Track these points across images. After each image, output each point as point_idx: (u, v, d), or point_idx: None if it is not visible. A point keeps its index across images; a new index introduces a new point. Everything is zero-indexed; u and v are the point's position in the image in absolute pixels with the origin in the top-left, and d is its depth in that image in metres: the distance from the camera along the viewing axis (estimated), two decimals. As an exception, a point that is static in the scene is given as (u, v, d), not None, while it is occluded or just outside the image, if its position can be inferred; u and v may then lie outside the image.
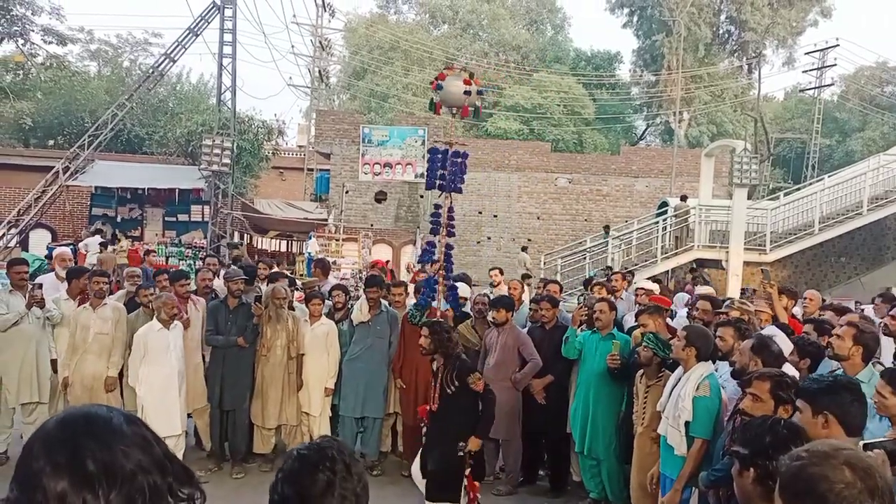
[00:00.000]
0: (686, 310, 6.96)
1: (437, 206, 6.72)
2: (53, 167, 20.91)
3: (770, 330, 4.37)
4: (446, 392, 4.99)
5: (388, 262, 16.22)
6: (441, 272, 6.67)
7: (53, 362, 6.85)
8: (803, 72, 35.45)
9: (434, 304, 6.54)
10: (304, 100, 34.52)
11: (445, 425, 5.04)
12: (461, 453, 4.95)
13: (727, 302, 5.94)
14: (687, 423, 4.24)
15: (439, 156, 6.57)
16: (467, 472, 5.05)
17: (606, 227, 21.17)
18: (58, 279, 7.83)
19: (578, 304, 6.98)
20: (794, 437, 2.06)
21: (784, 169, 37.19)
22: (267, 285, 7.51)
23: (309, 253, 17.84)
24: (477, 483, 5.15)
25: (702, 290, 8.25)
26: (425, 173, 6.97)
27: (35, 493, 1.05)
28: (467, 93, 6.49)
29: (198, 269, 9.28)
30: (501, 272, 10.00)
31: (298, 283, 9.65)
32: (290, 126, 41.90)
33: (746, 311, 5.39)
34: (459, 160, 6.60)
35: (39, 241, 19.87)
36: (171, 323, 6.22)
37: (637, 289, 7.91)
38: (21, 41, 27.97)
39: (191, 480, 1.18)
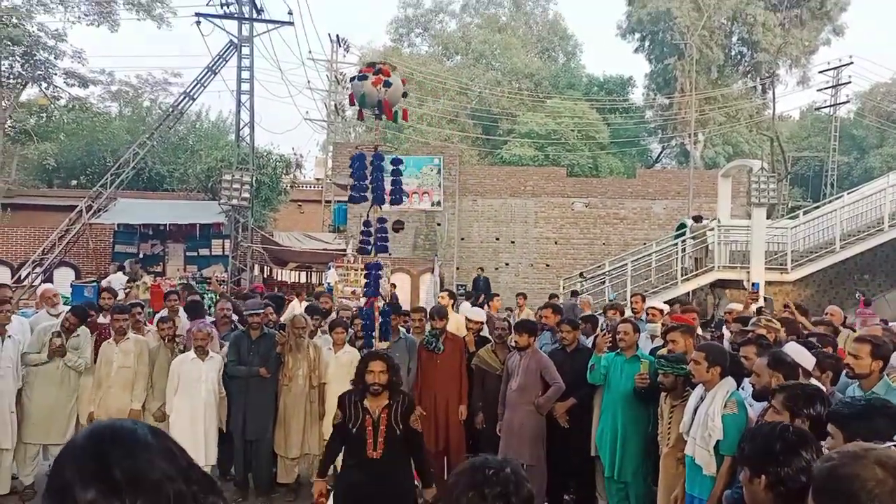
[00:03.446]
0: None
1: (368, 223, 6.19)
2: (77, 206, 21.27)
3: (791, 346, 4.32)
4: (394, 433, 4.34)
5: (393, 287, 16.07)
6: (374, 298, 6.31)
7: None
8: (818, 90, 35.37)
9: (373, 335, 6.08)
10: (321, 133, 34.97)
11: (394, 471, 4.37)
12: None
13: (753, 320, 5.89)
14: (717, 442, 4.18)
15: (366, 163, 5.99)
16: None
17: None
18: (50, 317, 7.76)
19: (602, 330, 6.91)
20: (804, 442, 2.03)
21: (802, 187, 36.93)
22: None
23: (328, 283, 17.90)
24: None
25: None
26: (350, 184, 6.22)
27: (65, 502, 1.08)
28: (405, 94, 6.06)
29: (216, 301, 9.36)
30: (451, 295, 9.86)
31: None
32: (308, 159, 42.34)
33: (773, 328, 5.34)
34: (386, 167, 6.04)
35: (63, 280, 20.11)
36: (206, 354, 6.33)
37: (649, 308, 7.87)
38: (44, 84, 28.61)
39: (213, 489, 1.21)
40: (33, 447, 6.68)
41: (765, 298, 7.59)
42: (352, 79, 6.07)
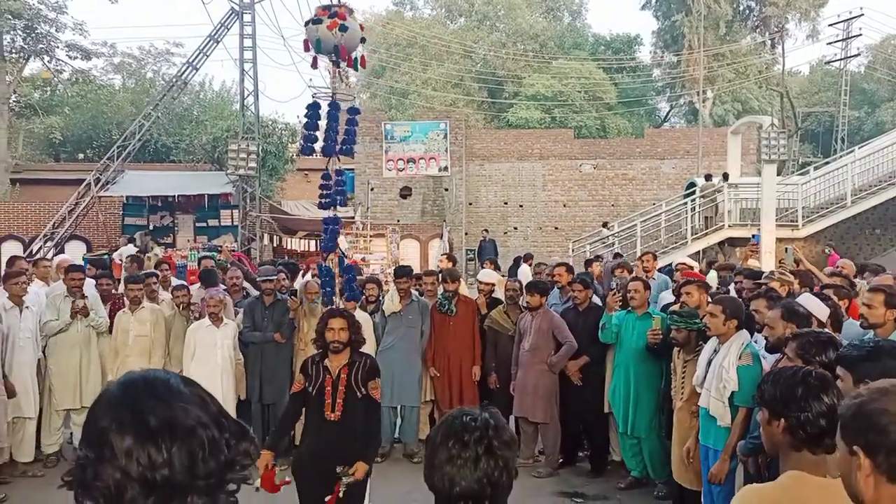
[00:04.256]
0: None
1: (327, 176, 5.86)
2: (85, 179, 21.31)
3: (805, 297, 4.32)
4: (354, 396, 4.15)
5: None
6: (336, 255, 6.10)
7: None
8: (828, 44, 34.80)
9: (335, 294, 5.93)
10: (326, 101, 34.74)
11: (353, 435, 4.12)
12: (345, 483, 3.94)
13: (766, 273, 5.87)
14: (732, 393, 4.21)
15: (319, 112, 5.75)
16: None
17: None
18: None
19: (612, 288, 6.92)
20: (826, 387, 2.04)
21: (813, 143, 36.57)
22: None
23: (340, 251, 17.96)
24: None
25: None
26: (303, 132, 5.90)
27: (103, 450, 1.11)
28: (363, 39, 5.69)
29: (226, 269, 9.43)
30: (451, 258, 9.79)
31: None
32: (313, 127, 42.15)
33: (787, 282, 5.33)
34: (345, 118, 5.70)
35: (74, 253, 20.22)
36: (220, 321, 6.40)
37: (678, 264, 7.87)
38: (47, 58, 28.46)
39: (245, 435, 1.23)
40: (57, 417, 6.80)
41: (785, 249, 7.54)
42: (306, 23, 5.64)
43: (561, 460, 6.68)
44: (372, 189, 24.64)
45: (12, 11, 25.24)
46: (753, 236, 15.72)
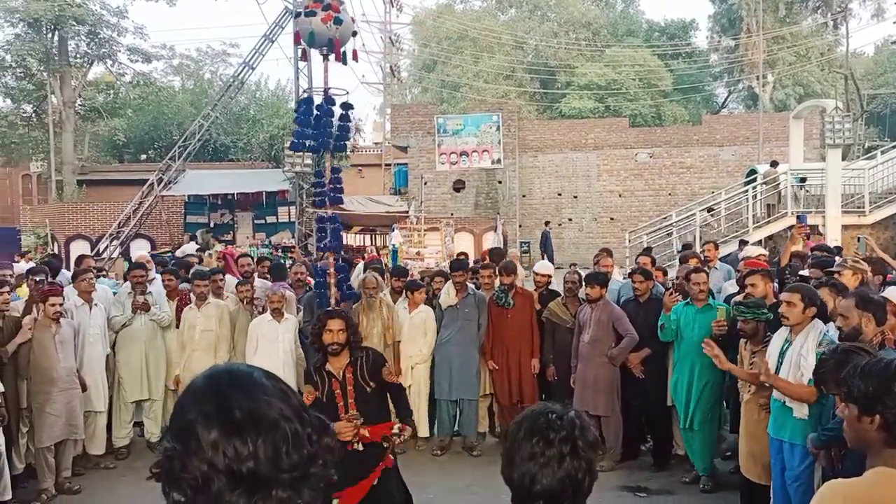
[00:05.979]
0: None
1: (320, 174, 5.83)
2: (148, 179, 21.95)
3: (891, 290, 4.12)
4: (364, 392, 4.13)
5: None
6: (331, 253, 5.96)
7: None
8: (894, 23, 33.43)
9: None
10: (378, 96, 34.92)
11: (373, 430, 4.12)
12: (394, 435, 4.09)
13: (838, 262, 5.63)
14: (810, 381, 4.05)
15: (312, 108, 5.65)
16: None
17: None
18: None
19: (667, 288, 6.71)
20: None
21: (879, 127, 35.14)
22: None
23: (393, 245, 18.11)
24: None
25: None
26: (294, 130, 5.76)
27: (190, 441, 1.12)
28: (355, 33, 5.57)
29: (291, 264, 9.59)
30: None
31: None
32: (366, 123, 42.47)
33: (861, 270, 5.11)
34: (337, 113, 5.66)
35: (140, 250, 20.86)
36: (282, 316, 6.50)
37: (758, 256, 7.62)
38: (109, 62, 29.36)
39: (326, 430, 1.23)
40: (127, 412, 7.02)
41: (857, 239, 7.24)
42: (296, 15, 5.52)
43: (623, 454, 6.59)
44: (425, 183, 24.71)
45: (76, 17, 26.10)
46: (799, 217, 15.15)
